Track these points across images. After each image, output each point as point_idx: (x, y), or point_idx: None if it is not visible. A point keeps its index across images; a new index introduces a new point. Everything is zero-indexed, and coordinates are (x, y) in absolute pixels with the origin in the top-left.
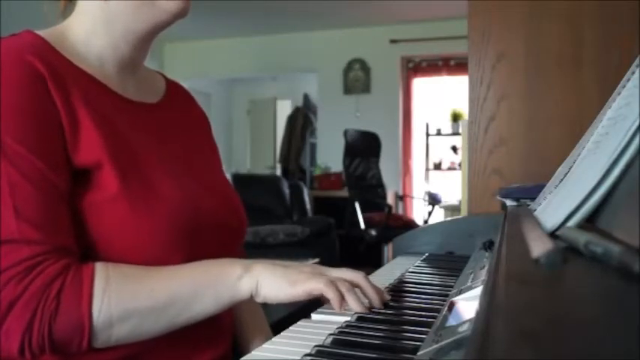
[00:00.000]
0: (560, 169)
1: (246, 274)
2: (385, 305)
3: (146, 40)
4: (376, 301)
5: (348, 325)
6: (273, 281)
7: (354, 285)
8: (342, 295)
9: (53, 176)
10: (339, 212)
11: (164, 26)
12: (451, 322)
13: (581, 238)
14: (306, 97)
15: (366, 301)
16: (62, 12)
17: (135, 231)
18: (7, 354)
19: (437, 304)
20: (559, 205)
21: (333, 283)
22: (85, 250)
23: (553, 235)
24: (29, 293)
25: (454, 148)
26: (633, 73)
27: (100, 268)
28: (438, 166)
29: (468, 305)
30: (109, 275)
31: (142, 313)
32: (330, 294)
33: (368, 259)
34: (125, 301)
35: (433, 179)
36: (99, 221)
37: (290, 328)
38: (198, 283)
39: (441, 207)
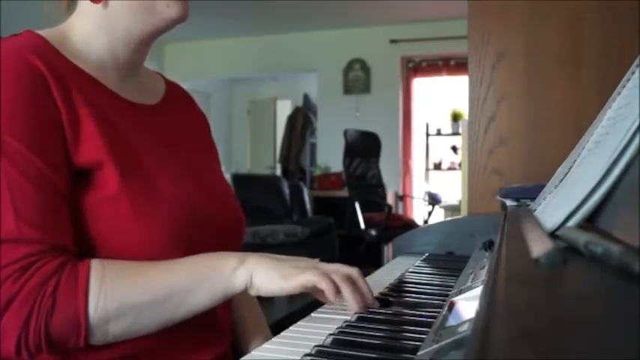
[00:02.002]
0: (560, 169)
1: (240, 267)
2: (386, 302)
3: (145, 44)
4: (369, 296)
5: (348, 325)
6: (266, 274)
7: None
8: (337, 286)
9: (52, 175)
10: (339, 212)
11: (163, 31)
12: (451, 322)
13: (581, 238)
14: (306, 97)
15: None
16: (65, 11)
17: (135, 230)
18: (4, 353)
19: (437, 304)
20: (559, 205)
21: (326, 274)
22: (85, 250)
23: (553, 235)
24: (25, 291)
25: (454, 148)
26: (633, 73)
27: (95, 264)
28: (438, 166)
29: (468, 305)
30: (104, 271)
31: (138, 309)
32: (324, 285)
33: (368, 259)
34: (121, 297)
35: (433, 179)
36: (99, 221)
37: (290, 328)
38: (193, 277)
39: (441, 207)
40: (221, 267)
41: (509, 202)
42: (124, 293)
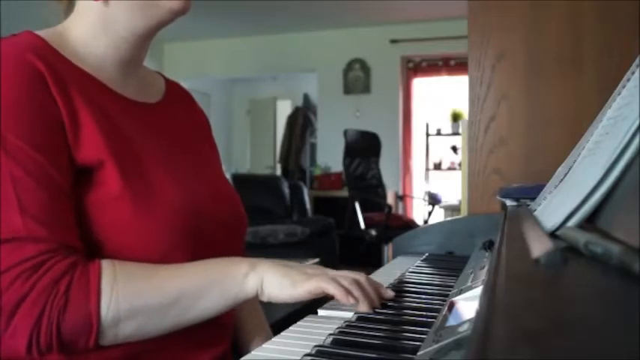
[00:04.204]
0: (560, 169)
1: (252, 273)
2: (384, 305)
3: (146, 39)
4: (376, 301)
5: (348, 325)
6: (277, 281)
7: None
8: (346, 289)
9: (56, 173)
10: (339, 212)
11: (164, 25)
12: (451, 322)
13: (581, 238)
14: (306, 97)
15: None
16: (64, 12)
17: (136, 229)
18: (13, 353)
19: (437, 304)
20: (559, 205)
21: (334, 279)
22: (88, 248)
23: (553, 235)
24: (38, 290)
25: (454, 148)
26: (633, 73)
27: (106, 265)
28: (438, 166)
29: (468, 305)
30: (115, 272)
31: (149, 311)
32: (332, 289)
33: (368, 259)
34: (132, 299)
35: (433, 179)
36: (102, 220)
37: (290, 328)
38: (205, 281)
39: (441, 207)
40: (233, 272)
41: (509, 202)
42: (135, 295)
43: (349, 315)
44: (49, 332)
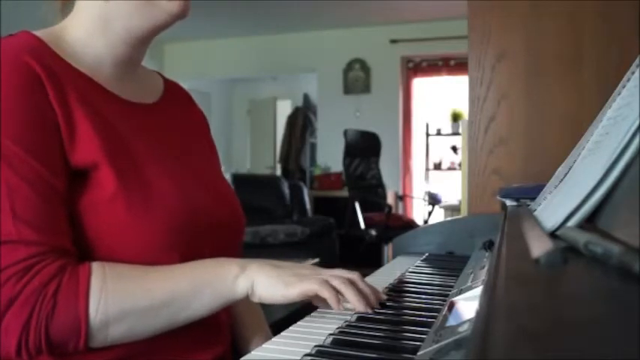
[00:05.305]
0: (560, 169)
1: (242, 274)
2: (383, 305)
3: (145, 41)
4: (372, 299)
5: (348, 325)
6: (268, 282)
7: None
8: (338, 293)
9: (50, 177)
10: (339, 212)
11: (163, 27)
12: (451, 322)
13: (581, 238)
14: (306, 97)
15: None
16: (61, 11)
17: (132, 231)
18: (5, 353)
19: (437, 304)
20: (559, 205)
21: (326, 281)
22: (82, 250)
23: (553, 235)
24: (26, 293)
25: (454, 148)
26: (633, 73)
27: (96, 267)
28: (438, 166)
29: (468, 305)
30: (105, 275)
31: (138, 313)
32: (326, 293)
33: (368, 259)
34: (122, 301)
35: (433, 179)
36: (97, 221)
37: (290, 328)
38: (195, 283)
39: (441, 207)
40: (223, 274)
41: (509, 202)
42: (124, 297)
43: (344, 319)
44: (38, 335)
